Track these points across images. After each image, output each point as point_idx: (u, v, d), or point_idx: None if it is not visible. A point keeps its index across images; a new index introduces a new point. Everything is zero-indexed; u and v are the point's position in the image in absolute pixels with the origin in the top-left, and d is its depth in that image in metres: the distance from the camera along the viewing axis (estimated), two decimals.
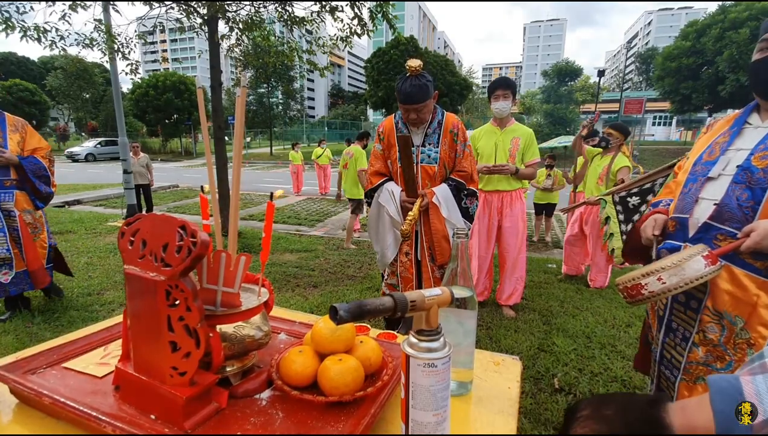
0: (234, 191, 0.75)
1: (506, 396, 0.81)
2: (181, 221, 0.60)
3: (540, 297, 3.53)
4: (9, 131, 2.70)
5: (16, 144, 2.72)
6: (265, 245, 0.76)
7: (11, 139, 2.70)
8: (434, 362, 0.58)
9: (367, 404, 0.69)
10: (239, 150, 0.75)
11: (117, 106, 7.00)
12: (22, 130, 2.79)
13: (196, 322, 0.60)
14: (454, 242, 0.78)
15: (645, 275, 1.07)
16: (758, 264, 1.05)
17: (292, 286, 3.88)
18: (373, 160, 2.29)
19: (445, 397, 0.60)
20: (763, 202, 1.04)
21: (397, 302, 0.54)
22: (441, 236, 2.11)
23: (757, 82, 1.16)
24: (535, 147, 2.98)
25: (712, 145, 1.27)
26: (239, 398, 0.71)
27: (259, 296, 0.78)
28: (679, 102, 22.91)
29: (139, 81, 25.40)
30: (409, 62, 1.96)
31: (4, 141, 2.66)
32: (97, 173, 16.03)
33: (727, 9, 19.93)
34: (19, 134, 2.77)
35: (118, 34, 5.61)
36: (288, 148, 16.60)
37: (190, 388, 0.62)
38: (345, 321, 0.49)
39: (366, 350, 0.77)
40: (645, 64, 44.60)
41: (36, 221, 2.88)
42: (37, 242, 2.88)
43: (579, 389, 2.19)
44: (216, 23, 5.29)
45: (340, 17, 5.47)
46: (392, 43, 25.67)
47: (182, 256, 0.59)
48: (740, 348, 1.08)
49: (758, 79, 1.15)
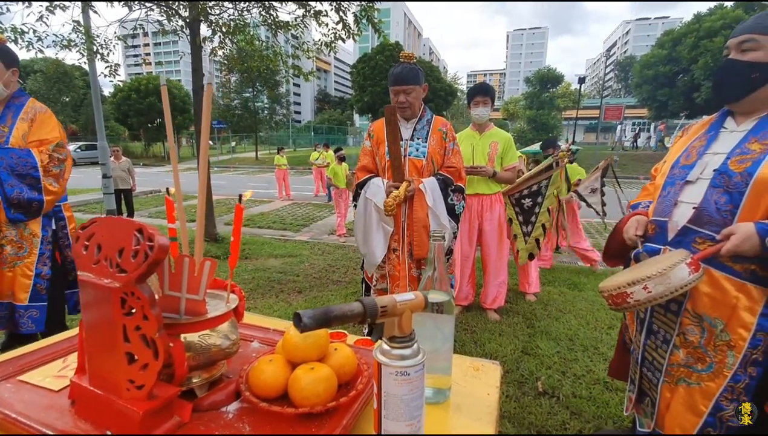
0: (200, 194, 0.72)
1: (485, 403, 0.79)
2: (139, 224, 0.56)
3: (524, 300, 3.54)
4: (20, 120, 2.16)
5: (20, 135, 2.15)
6: (233, 249, 0.72)
7: (17, 129, 2.14)
8: (407, 370, 0.55)
9: (339, 415, 0.66)
10: (205, 152, 0.71)
11: (96, 109, 6.82)
12: (32, 118, 2.20)
13: (153, 331, 0.56)
14: (431, 244, 0.76)
15: (631, 283, 1.07)
16: (737, 267, 1.06)
17: (276, 291, 3.82)
18: (362, 157, 2.29)
19: (419, 406, 0.58)
20: (741, 205, 1.05)
21: (367, 308, 0.52)
22: (422, 225, 2.08)
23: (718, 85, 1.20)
24: (513, 151, 3.02)
25: (688, 149, 1.28)
26: (204, 411, 0.67)
27: (227, 302, 0.74)
28: (656, 109, 23.54)
29: (120, 84, 24.90)
30: (403, 52, 2.12)
31: (9, 131, 2.10)
32: (77, 178, 15.59)
33: (701, 18, 20.59)
34: (27, 124, 2.18)
35: (97, 36, 5.49)
36: (274, 153, 16.47)
37: (149, 402, 0.58)
38: (309, 329, 0.47)
39: (340, 358, 0.74)
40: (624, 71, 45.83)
41: (23, 238, 2.11)
42: (16, 268, 2.07)
43: (562, 392, 2.19)
44: (198, 26, 5.21)
45: (324, 22, 5.45)
46: (378, 49, 25.79)
47: (138, 261, 0.55)
48: (720, 350, 1.09)
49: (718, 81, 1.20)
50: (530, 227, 3.26)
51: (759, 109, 1.14)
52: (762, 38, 1.09)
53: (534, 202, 3.24)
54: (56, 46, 5.51)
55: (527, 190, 3.24)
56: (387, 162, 2.13)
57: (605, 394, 2.16)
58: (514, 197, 3.29)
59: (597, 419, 1.98)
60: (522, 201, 3.27)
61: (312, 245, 5.70)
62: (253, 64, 6.23)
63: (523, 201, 3.27)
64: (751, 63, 1.10)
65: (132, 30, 5.80)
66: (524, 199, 3.26)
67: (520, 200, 3.28)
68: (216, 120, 27.85)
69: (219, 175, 17.45)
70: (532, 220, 3.25)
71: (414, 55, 2.16)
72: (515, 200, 3.30)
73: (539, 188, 3.23)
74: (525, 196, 3.26)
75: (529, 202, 3.25)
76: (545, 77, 28.39)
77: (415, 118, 2.19)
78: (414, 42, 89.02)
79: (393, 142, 2.03)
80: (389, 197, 1.93)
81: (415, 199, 2.09)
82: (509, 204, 3.30)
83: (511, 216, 3.29)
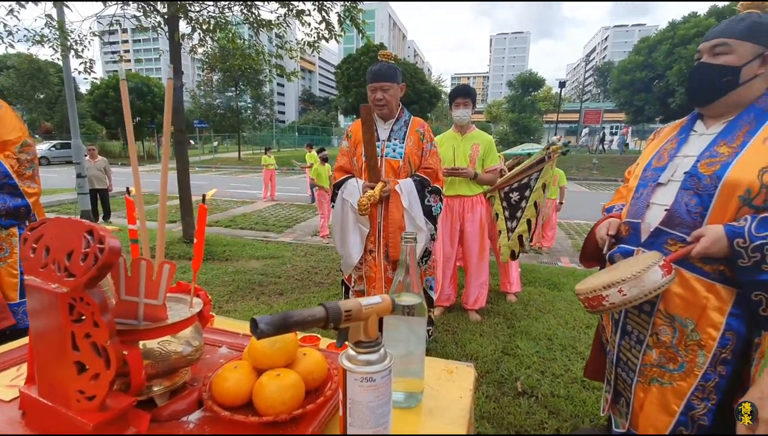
0: (162, 193, 0.69)
1: (458, 406, 0.78)
2: (89, 225, 0.53)
3: (505, 301, 3.57)
4: None
5: None
6: (196, 250, 0.69)
7: None
8: (372, 376, 0.54)
9: (306, 423, 0.64)
10: (167, 150, 0.68)
11: (70, 106, 6.61)
12: None
13: (105, 339, 0.53)
14: (403, 246, 0.75)
15: (606, 286, 1.08)
16: (707, 268, 1.08)
17: (257, 294, 3.75)
18: (339, 157, 2.27)
19: (386, 413, 0.56)
20: (710, 207, 1.07)
21: (330, 312, 0.50)
22: (397, 226, 2.06)
23: (690, 88, 1.22)
24: (494, 153, 3.03)
25: (660, 152, 1.31)
26: (164, 422, 0.64)
27: (191, 307, 0.71)
28: (633, 113, 24.16)
29: (97, 81, 24.20)
30: (382, 51, 2.13)
31: None
32: (52, 177, 15.07)
33: (676, 26, 21.27)
34: None
35: (71, 31, 5.31)
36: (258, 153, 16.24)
37: (100, 413, 0.55)
38: (266, 335, 0.45)
39: (309, 364, 0.72)
40: (602, 76, 46.93)
41: (2, 240, 2.07)
42: (1, 269, 2.07)
43: (541, 392, 2.21)
44: (177, 23, 5.09)
45: (307, 21, 5.40)
46: (363, 50, 25.75)
47: (88, 264, 0.52)
48: (691, 350, 1.10)
49: (690, 84, 1.21)
50: (515, 222, 3.21)
51: (728, 113, 1.17)
52: (733, 42, 1.11)
53: (521, 196, 3.19)
54: (28, 41, 5.32)
55: (517, 183, 3.19)
56: (364, 163, 2.10)
57: (582, 393, 2.19)
58: (504, 191, 3.24)
59: (574, 417, 2.00)
60: (510, 195, 3.22)
61: (295, 246, 5.64)
62: (234, 63, 6.14)
63: (511, 195, 3.22)
64: (722, 66, 1.12)
65: (108, 26, 5.63)
66: (512, 192, 3.21)
67: (509, 194, 3.23)
68: (198, 119, 27.33)
69: (201, 176, 17.13)
70: (517, 215, 3.21)
71: (392, 54, 2.17)
72: (504, 194, 3.24)
73: (528, 181, 3.17)
74: (514, 189, 3.20)
75: (516, 196, 3.20)
76: (527, 81, 28.80)
77: (392, 118, 2.17)
78: (399, 44, 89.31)
79: (369, 143, 2.00)
80: (363, 197, 1.91)
81: (391, 201, 2.07)
82: (498, 198, 3.25)
83: (498, 211, 3.25)
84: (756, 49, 1.09)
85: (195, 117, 27.73)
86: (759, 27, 1.09)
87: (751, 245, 0.96)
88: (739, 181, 1.03)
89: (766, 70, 1.10)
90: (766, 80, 1.12)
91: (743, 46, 1.09)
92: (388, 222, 2.08)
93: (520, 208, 3.21)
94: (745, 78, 1.10)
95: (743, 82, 1.11)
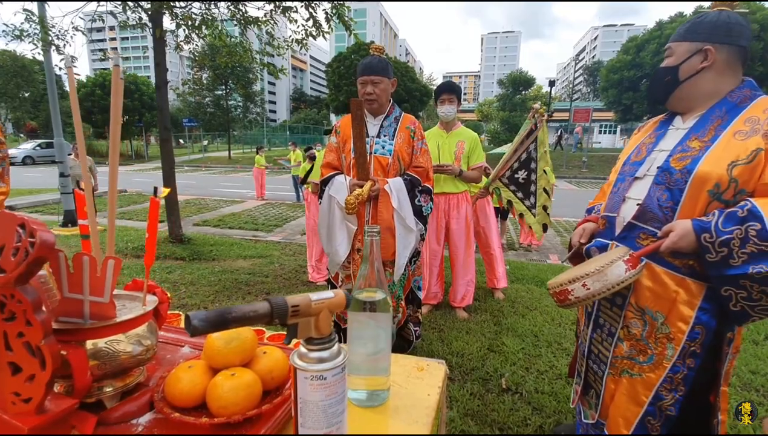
0: (111, 189, 0.66)
1: (424, 404, 0.76)
2: (21, 218, 0.50)
3: (492, 298, 3.57)
4: None
5: None
6: (149, 246, 0.67)
7: None
8: (323, 374, 0.52)
9: (260, 424, 0.61)
10: (115, 145, 0.65)
11: (52, 103, 6.48)
12: None
13: (38, 339, 0.50)
14: (365, 240, 0.73)
15: (571, 281, 1.09)
16: (677, 262, 1.08)
17: (243, 293, 3.71)
18: (327, 153, 2.23)
19: (339, 412, 0.54)
20: (681, 202, 1.07)
21: (274, 308, 0.48)
22: (386, 226, 2.03)
23: (647, 91, 1.25)
24: (480, 151, 3.01)
25: (639, 146, 1.31)
26: (112, 424, 0.61)
27: (144, 304, 0.68)
28: (621, 112, 24.42)
29: (83, 79, 23.79)
30: (373, 45, 2.12)
31: None
32: (35, 177, 14.81)
33: (663, 26, 21.54)
34: None
35: (52, 26, 5.20)
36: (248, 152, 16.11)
37: (37, 417, 0.52)
38: (200, 333, 0.42)
39: (268, 363, 0.70)
40: (592, 76, 47.33)
41: None
42: None
43: (525, 388, 2.21)
44: (161, 19, 5.01)
45: (294, 18, 5.35)
46: (354, 48, 25.66)
47: (18, 259, 0.49)
48: (661, 342, 1.10)
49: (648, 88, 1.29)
50: (533, 198, 3.12)
51: (697, 107, 1.17)
52: (675, 45, 1.18)
53: (528, 172, 3.10)
54: (7, 36, 5.20)
55: (517, 162, 3.11)
56: (352, 159, 2.05)
57: (566, 389, 2.19)
58: (506, 177, 3.15)
59: (557, 414, 2.00)
60: (515, 176, 3.13)
61: (283, 245, 5.59)
62: (221, 60, 6.05)
63: (517, 175, 3.12)
64: (664, 68, 1.21)
65: (90, 21, 5.52)
66: (517, 172, 3.12)
67: (514, 176, 3.13)
68: (187, 118, 27.01)
69: (189, 175, 16.95)
70: (532, 190, 3.12)
71: (384, 49, 2.14)
72: (509, 179, 3.15)
73: (529, 154, 3.10)
74: (517, 169, 3.12)
75: (524, 175, 3.11)
76: (517, 80, 28.97)
77: (382, 114, 2.13)
78: (390, 42, 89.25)
79: (358, 138, 1.94)
80: (351, 196, 1.88)
81: (380, 201, 2.03)
82: (503, 188, 3.16)
83: (509, 198, 3.15)
84: (693, 46, 1.13)
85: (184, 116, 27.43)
86: (698, 26, 1.13)
87: (717, 239, 0.96)
88: (709, 175, 1.02)
89: (714, 63, 1.12)
90: (720, 72, 1.13)
91: (681, 46, 1.17)
92: (376, 221, 2.05)
93: (531, 182, 3.12)
94: (685, 74, 1.16)
95: (686, 79, 1.16)
